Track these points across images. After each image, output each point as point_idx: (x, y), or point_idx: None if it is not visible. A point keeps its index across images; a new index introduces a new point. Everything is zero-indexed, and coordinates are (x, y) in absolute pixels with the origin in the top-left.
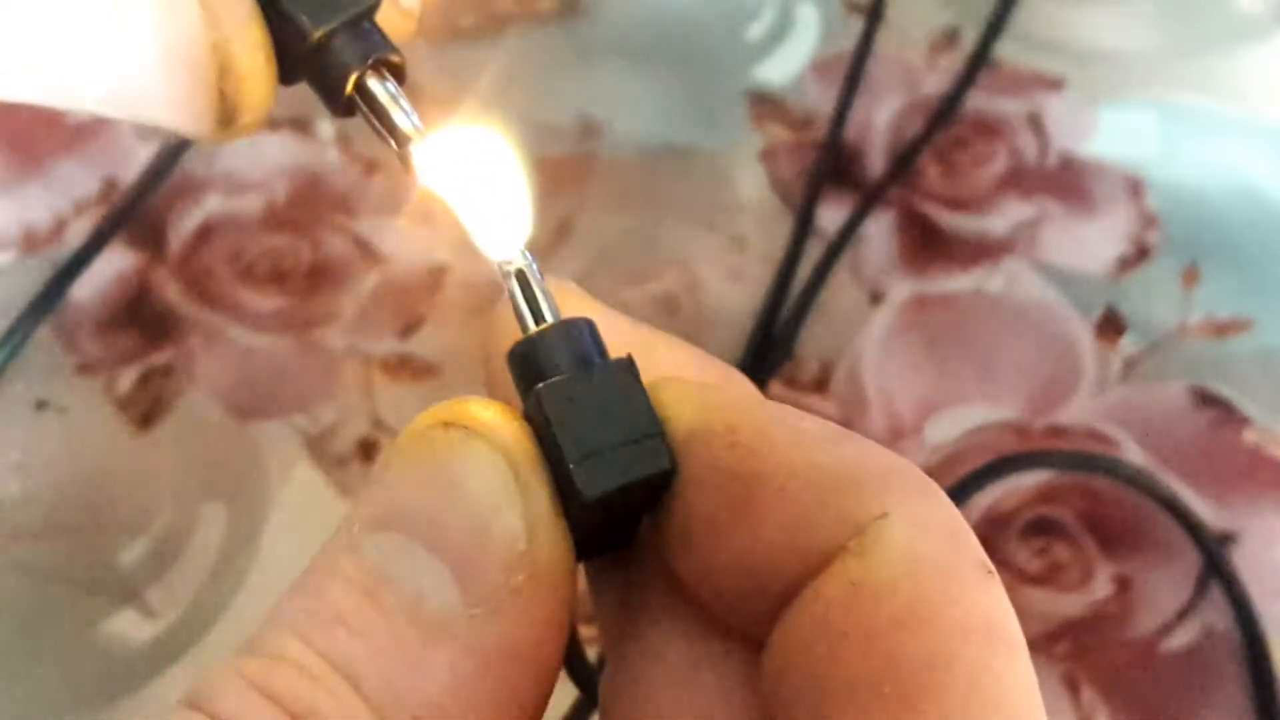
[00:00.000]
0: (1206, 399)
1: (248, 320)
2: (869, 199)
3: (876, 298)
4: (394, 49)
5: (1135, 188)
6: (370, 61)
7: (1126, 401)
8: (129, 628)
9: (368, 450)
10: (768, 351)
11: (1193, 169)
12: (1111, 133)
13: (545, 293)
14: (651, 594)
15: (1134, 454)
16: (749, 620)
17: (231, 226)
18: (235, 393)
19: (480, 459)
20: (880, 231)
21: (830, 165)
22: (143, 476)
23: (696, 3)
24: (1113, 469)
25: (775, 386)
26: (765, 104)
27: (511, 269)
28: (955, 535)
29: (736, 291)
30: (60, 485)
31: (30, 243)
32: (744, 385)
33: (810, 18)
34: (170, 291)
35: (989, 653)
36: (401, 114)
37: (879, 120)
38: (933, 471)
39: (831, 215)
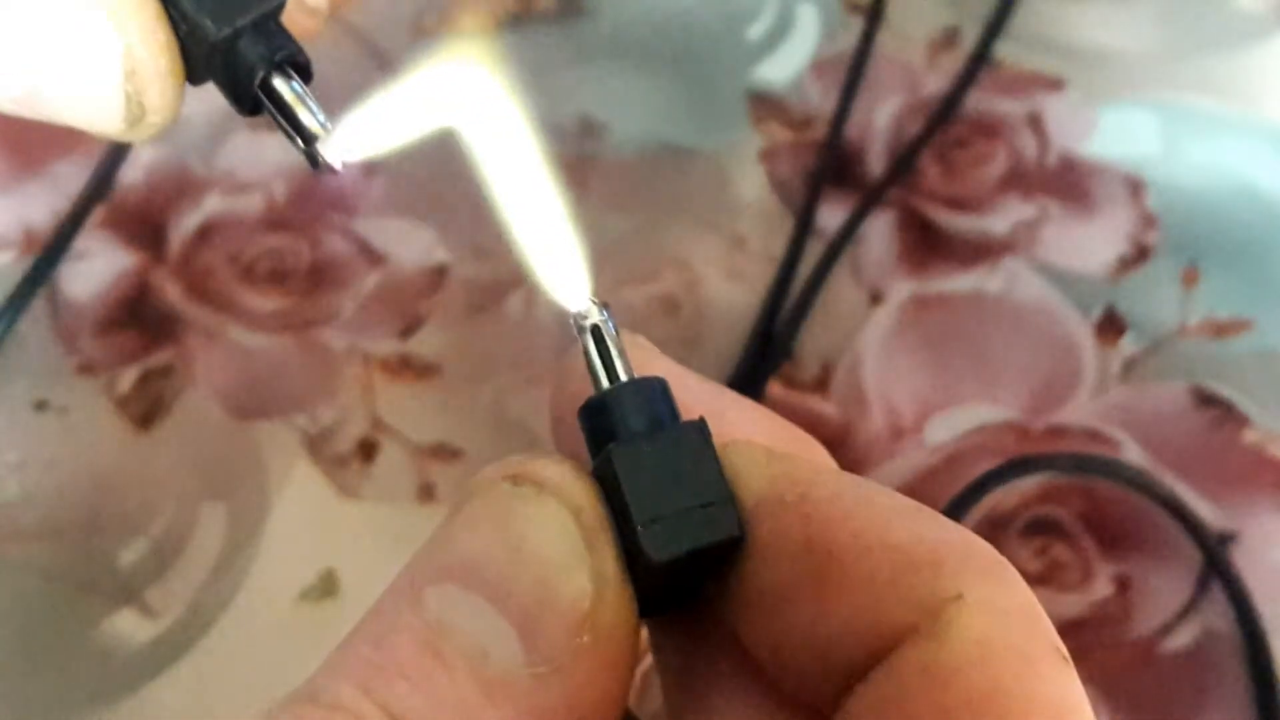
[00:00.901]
0: (1206, 399)
1: (248, 320)
2: (869, 199)
3: (876, 298)
4: (298, 48)
5: (1135, 188)
6: (275, 60)
7: (1126, 402)
8: (129, 627)
9: (368, 450)
10: (767, 351)
11: (1193, 169)
12: (1111, 133)
13: (620, 350)
14: (716, 658)
15: (1134, 454)
16: (815, 694)
17: (231, 226)
18: (235, 392)
19: (549, 517)
20: (880, 231)
21: (830, 165)
22: (143, 476)
23: (697, 3)
24: (1114, 471)
25: (775, 386)
26: (765, 104)
27: (587, 324)
28: (1030, 620)
29: (736, 291)
30: (60, 485)
31: (30, 243)
32: (817, 452)
33: (810, 18)
34: (170, 291)
35: None
36: (307, 113)
37: (879, 120)
38: (933, 471)
39: (831, 215)
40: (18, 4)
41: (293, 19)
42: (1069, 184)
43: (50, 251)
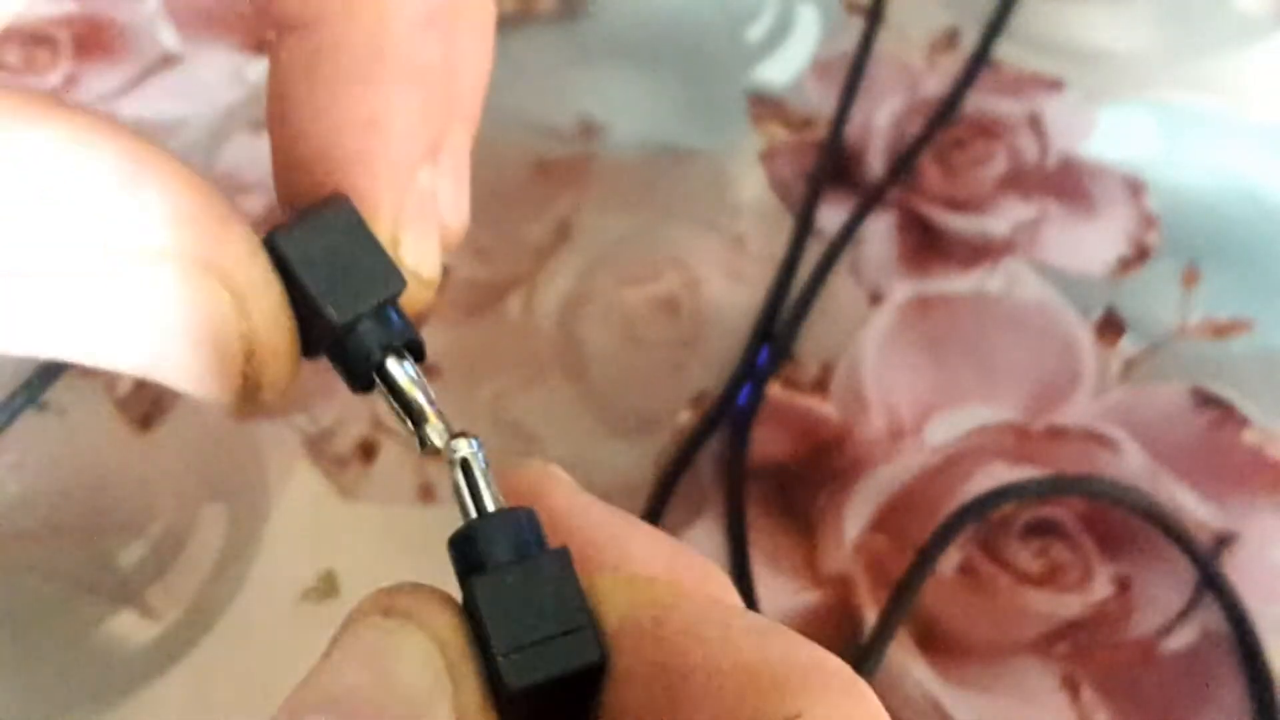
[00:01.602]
0: (1206, 399)
1: None
2: (869, 200)
3: (876, 298)
4: (413, 332)
5: (1135, 188)
6: (391, 345)
7: (1126, 402)
8: (129, 628)
9: (367, 450)
10: (767, 351)
11: (1192, 170)
12: (1111, 133)
13: (489, 481)
14: None
15: (1134, 454)
16: None
17: None
18: None
19: (415, 649)
20: (880, 232)
21: (830, 166)
22: (143, 477)
23: (697, 4)
24: (1103, 490)
25: (775, 387)
26: (765, 105)
27: (457, 457)
28: None
29: (736, 291)
30: (60, 486)
31: None
32: (713, 582)
33: (810, 18)
34: None
35: None
36: (419, 395)
37: (879, 121)
38: (933, 471)
39: (831, 215)
40: (142, 284)
41: (408, 292)
42: (1069, 184)
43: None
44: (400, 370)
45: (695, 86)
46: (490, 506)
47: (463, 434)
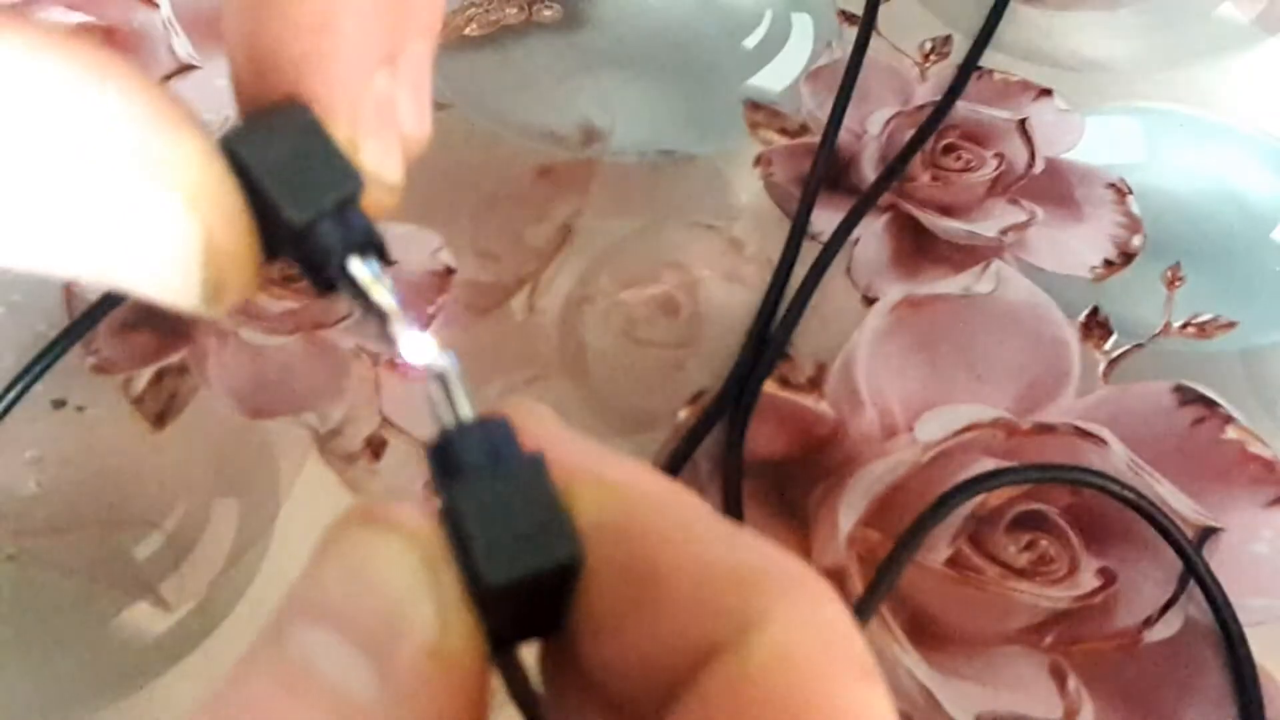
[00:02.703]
0: (1189, 398)
1: (259, 321)
2: (862, 204)
3: (869, 299)
4: (374, 231)
5: (1120, 193)
6: (353, 244)
7: (1112, 400)
8: (144, 620)
9: (376, 447)
10: (763, 351)
11: (1176, 175)
12: (1097, 140)
13: (466, 392)
14: (567, 684)
15: (1118, 451)
16: (645, 713)
17: None
18: (247, 391)
19: (393, 552)
20: (873, 235)
21: (825, 171)
22: (157, 473)
23: (696, 13)
24: (1091, 481)
25: (770, 386)
26: (762, 111)
27: (434, 369)
28: (835, 635)
29: (734, 293)
30: (77, 481)
31: None
32: (681, 497)
33: (805, 28)
34: None
35: None
36: (383, 294)
37: (872, 127)
38: (924, 468)
39: (826, 219)
40: (94, 188)
41: (369, 195)
42: (1056, 189)
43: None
44: (363, 269)
45: (694, 94)
46: (467, 416)
47: (439, 349)
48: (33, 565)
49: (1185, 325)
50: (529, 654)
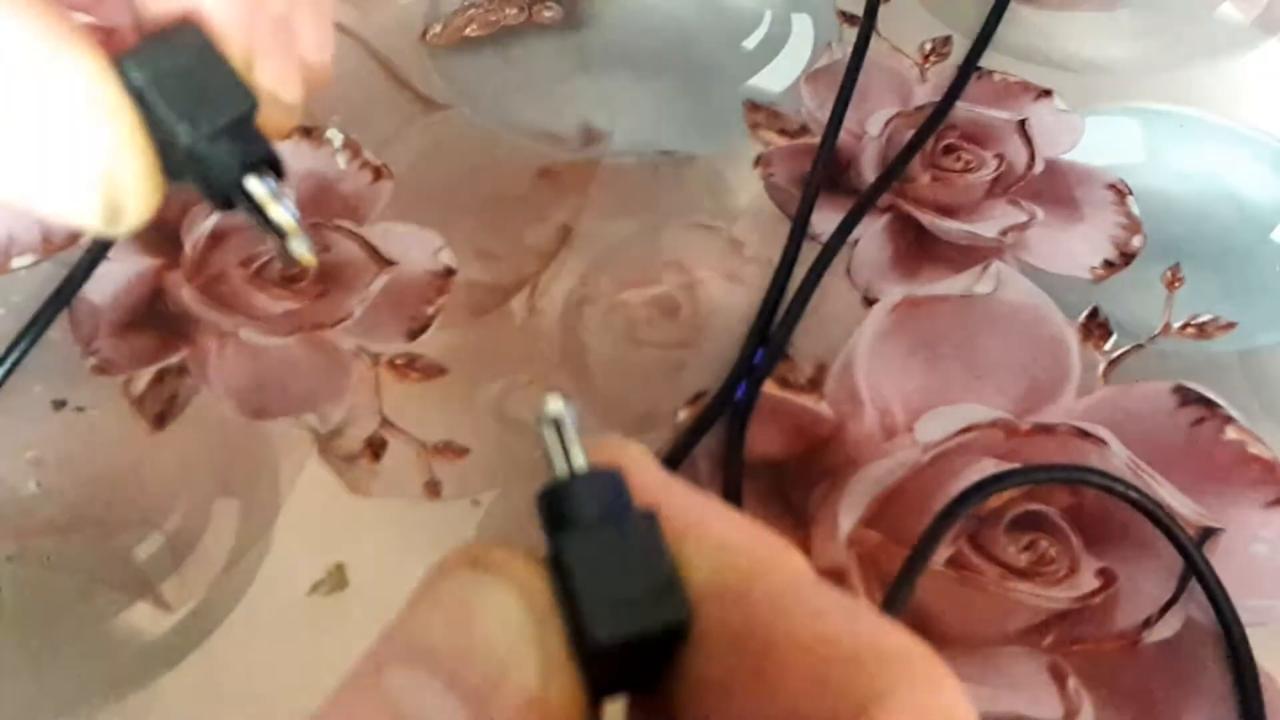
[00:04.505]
0: (1189, 398)
1: (259, 322)
2: (862, 204)
3: (869, 300)
4: (270, 148)
5: (1119, 193)
6: (248, 161)
7: (1111, 401)
8: (144, 620)
9: (375, 448)
10: (763, 352)
11: (1175, 176)
12: (1096, 140)
13: (578, 441)
14: None
15: (1118, 452)
16: None
17: (243, 231)
18: (247, 392)
19: (501, 602)
20: (873, 236)
21: (825, 171)
22: (158, 473)
23: (696, 14)
24: (1096, 481)
25: (771, 386)
26: (762, 112)
27: (549, 416)
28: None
29: (734, 293)
30: (77, 482)
31: (48, 246)
32: (788, 555)
33: (805, 29)
34: (184, 294)
35: None
36: (279, 210)
37: (872, 128)
38: (924, 468)
39: (826, 220)
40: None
41: (266, 115)
42: (1055, 190)
43: (82, 268)
44: (260, 186)
45: (694, 95)
46: (580, 465)
47: (557, 396)
48: (33, 565)
49: (1185, 326)
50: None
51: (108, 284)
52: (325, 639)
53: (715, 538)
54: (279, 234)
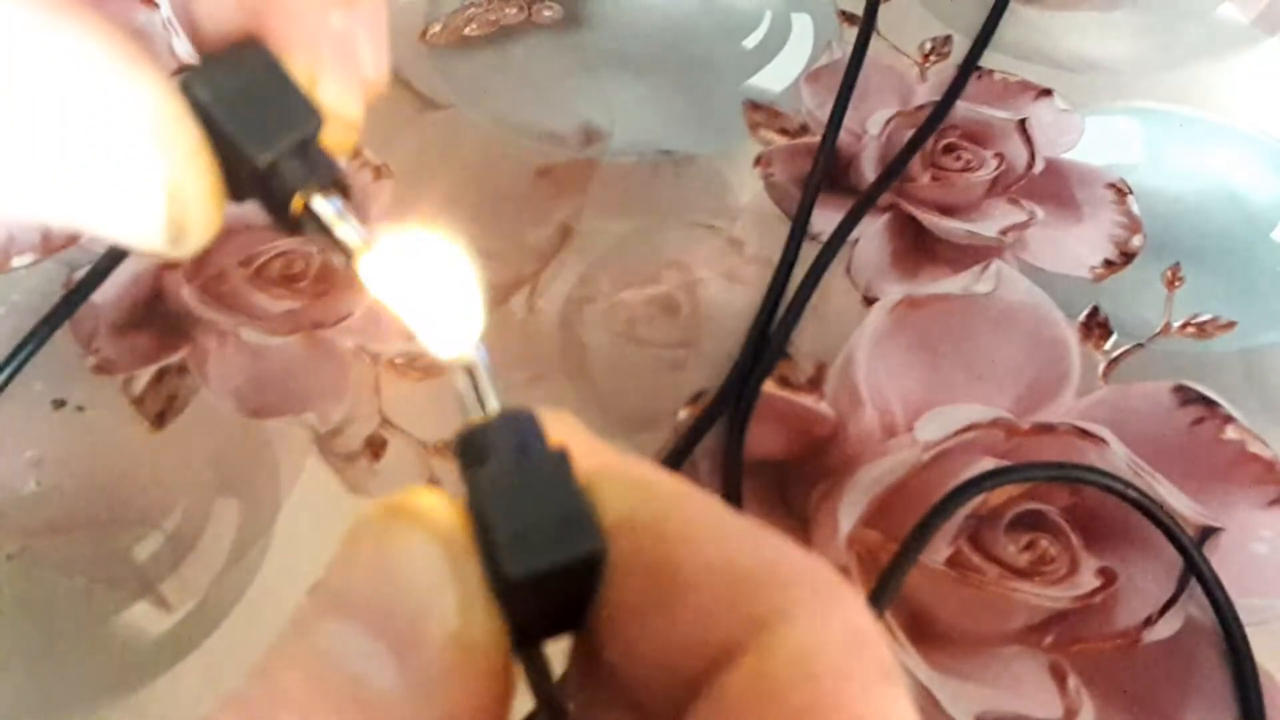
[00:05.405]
0: (1189, 398)
1: (259, 321)
2: (862, 204)
3: (869, 299)
4: (336, 168)
5: (1120, 193)
6: (315, 182)
7: (1111, 400)
8: (145, 620)
9: (375, 447)
10: (763, 351)
11: (1175, 175)
12: (1097, 140)
13: (491, 386)
14: (591, 680)
15: (1118, 451)
16: (667, 711)
17: (243, 230)
18: (247, 391)
19: (417, 546)
20: (873, 235)
21: (825, 171)
22: (158, 472)
23: (696, 14)
24: (1094, 480)
25: (771, 385)
26: (762, 111)
27: (461, 364)
28: (857, 638)
29: (734, 293)
30: (78, 481)
31: (48, 245)
32: (705, 493)
33: (805, 28)
34: (184, 294)
35: None
36: (347, 229)
37: (872, 127)
38: (924, 467)
39: (826, 219)
40: (54, 130)
41: (330, 133)
42: (1055, 190)
43: (91, 277)
44: (327, 207)
45: (694, 94)
46: (494, 408)
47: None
48: (33, 565)
49: (1185, 325)
50: (556, 650)
51: (108, 284)
52: None
53: (632, 476)
54: (346, 254)
